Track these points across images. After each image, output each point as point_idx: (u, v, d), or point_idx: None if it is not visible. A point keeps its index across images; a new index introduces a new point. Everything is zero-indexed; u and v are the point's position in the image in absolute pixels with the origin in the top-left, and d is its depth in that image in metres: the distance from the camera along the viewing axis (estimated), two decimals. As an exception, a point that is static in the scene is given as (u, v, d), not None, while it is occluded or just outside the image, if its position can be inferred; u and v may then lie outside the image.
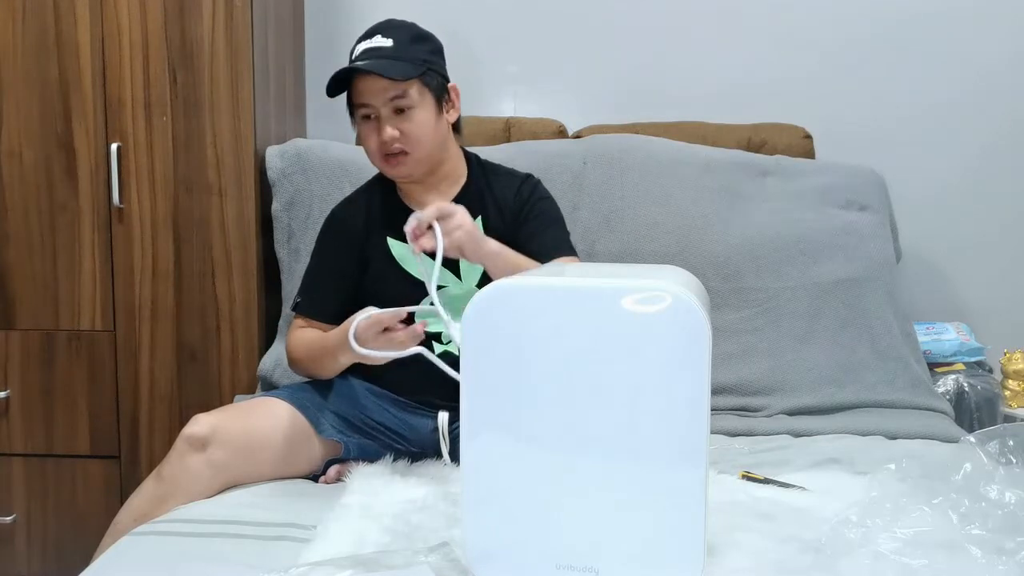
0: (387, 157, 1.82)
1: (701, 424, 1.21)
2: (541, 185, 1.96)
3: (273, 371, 2.23)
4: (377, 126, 1.80)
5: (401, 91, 1.78)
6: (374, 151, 1.83)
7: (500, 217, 1.89)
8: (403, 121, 1.79)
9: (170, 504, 1.64)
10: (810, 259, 2.26)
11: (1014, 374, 2.38)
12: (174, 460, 1.68)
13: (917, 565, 1.20)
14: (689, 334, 1.19)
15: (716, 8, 2.61)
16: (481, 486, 1.29)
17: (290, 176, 2.30)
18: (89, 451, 2.33)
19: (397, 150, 1.80)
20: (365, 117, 1.82)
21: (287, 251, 2.31)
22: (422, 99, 1.80)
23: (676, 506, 1.21)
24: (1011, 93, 2.59)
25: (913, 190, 2.56)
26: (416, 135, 1.80)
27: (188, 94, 2.24)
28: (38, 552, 2.36)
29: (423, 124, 1.81)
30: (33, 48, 2.23)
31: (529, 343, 1.24)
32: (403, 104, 1.79)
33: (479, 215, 1.86)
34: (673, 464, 1.21)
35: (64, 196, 2.27)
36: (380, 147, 1.81)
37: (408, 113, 1.79)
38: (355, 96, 1.81)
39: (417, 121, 1.80)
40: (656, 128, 2.45)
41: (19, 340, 2.31)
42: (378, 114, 1.79)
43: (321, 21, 2.67)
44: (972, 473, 1.34)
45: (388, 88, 1.77)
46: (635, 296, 1.20)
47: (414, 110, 1.79)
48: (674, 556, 1.23)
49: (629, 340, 1.21)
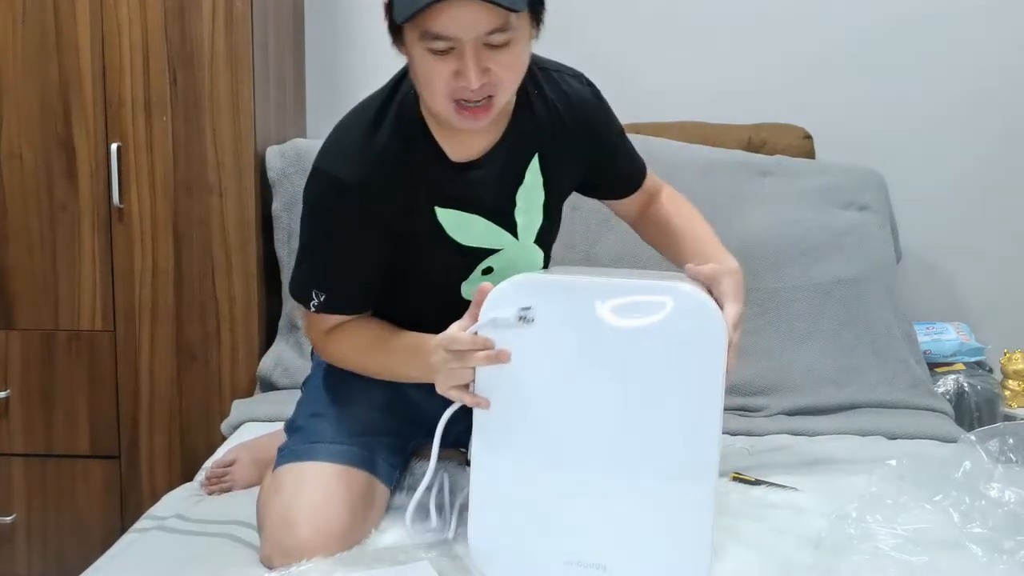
0: (463, 107, 1.34)
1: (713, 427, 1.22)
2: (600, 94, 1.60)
3: (273, 371, 2.23)
4: (455, 62, 1.29)
5: (504, 22, 1.28)
6: (444, 95, 1.33)
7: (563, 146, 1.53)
8: (495, 58, 1.31)
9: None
10: (810, 259, 2.26)
11: (1014, 374, 2.37)
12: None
13: (917, 563, 1.20)
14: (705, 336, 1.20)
15: (716, 8, 2.61)
16: (490, 483, 1.29)
17: (290, 176, 2.30)
18: (89, 451, 2.33)
19: (485, 97, 1.34)
20: (437, 51, 1.30)
21: (287, 251, 2.31)
22: (521, 25, 1.32)
23: (685, 503, 1.22)
24: (1011, 93, 2.59)
25: (913, 190, 2.55)
26: (510, 77, 1.35)
27: (188, 94, 2.24)
28: (38, 552, 2.36)
29: (519, 59, 1.35)
30: (33, 48, 2.23)
31: (544, 341, 1.23)
32: (503, 39, 1.29)
33: (535, 152, 1.51)
34: (684, 464, 1.21)
35: (64, 196, 2.27)
36: (457, 92, 1.32)
37: (504, 48, 1.30)
38: (432, 23, 1.27)
39: (515, 55, 1.33)
40: (656, 128, 2.45)
41: (19, 340, 2.31)
42: (460, 48, 1.29)
43: (321, 21, 2.67)
44: (972, 471, 1.35)
45: (488, 18, 1.27)
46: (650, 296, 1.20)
47: (512, 42, 1.31)
48: (682, 551, 1.23)
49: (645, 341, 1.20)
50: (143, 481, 2.32)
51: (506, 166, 1.49)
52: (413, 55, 1.33)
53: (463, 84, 1.30)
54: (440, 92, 1.32)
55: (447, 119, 1.37)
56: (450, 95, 1.32)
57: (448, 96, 1.32)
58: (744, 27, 2.61)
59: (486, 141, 1.46)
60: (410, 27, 1.30)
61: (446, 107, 1.34)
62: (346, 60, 2.67)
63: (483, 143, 1.46)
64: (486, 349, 1.25)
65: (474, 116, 1.35)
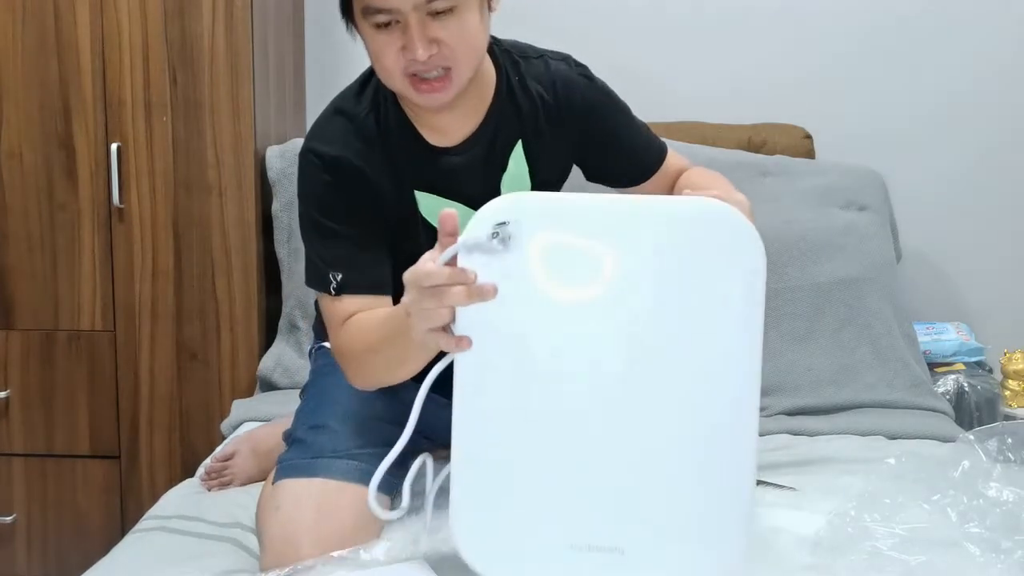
0: (419, 80, 1.31)
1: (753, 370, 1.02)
2: (591, 74, 1.54)
3: (273, 371, 2.23)
4: (401, 36, 1.28)
5: None
6: (397, 72, 1.31)
7: (549, 132, 1.48)
8: (442, 27, 1.28)
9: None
10: (810, 259, 2.26)
11: (1014, 374, 2.37)
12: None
13: (915, 562, 1.20)
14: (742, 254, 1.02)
15: (716, 8, 2.61)
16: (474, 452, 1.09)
17: (290, 176, 2.30)
18: (89, 451, 2.33)
19: (437, 69, 1.31)
20: (381, 25, 1.29)
21: (287, 251, 2.31)
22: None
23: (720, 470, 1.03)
24: (1011, 93, 2.59)
25: (913, 190, 2.55)
26: (463, 47, 1.30)
27: (188, 94, 2.24)
28: (38, 552, 2.36)
29: (470, 28, 1.31)
30: (33, 48, 2.23)
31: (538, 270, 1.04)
32: (445, 5, 1.27)
33: (518, 138, 1.47)
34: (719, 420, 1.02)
35: (64, 196, 2.27)
36: (408, 67, 1.30)
37: (450, 15, 1.28)
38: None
39: (464, 23, 1.29)
40: (656, 128, 2.40)
41: (19, 340, 2.31)
42: (404, 20, 1.27)
43: (321, 21, 2.66)
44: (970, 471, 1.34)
45: None
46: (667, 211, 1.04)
47: (457, 9, 1.28)
48: (716, 528, 1.04)
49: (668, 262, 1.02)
50: (143, 481, 2.32)
51: (488, 153, 1.46)
52: (364, 37, 1.34)
53: (411, 57, 1.28)
54: (393, 69, 1.31)
55: (408, 96, 1.36)
56: (403, 70, 1.31)
57: (401, 72, 1.31)
58: (744, 27, 2.61)
59: (466, 127, 1.44)
60: (356, 5, 1.31)
61: (403, 83, 1.33)
62: (346, 60, 2.66)
63: (463, 129, 1.44)
64: (465, 283, 1.07)
65: (431, 89, 1.32)
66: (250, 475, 1.76)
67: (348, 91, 1.47)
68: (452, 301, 1.07)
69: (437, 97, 1.33)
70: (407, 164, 1.43)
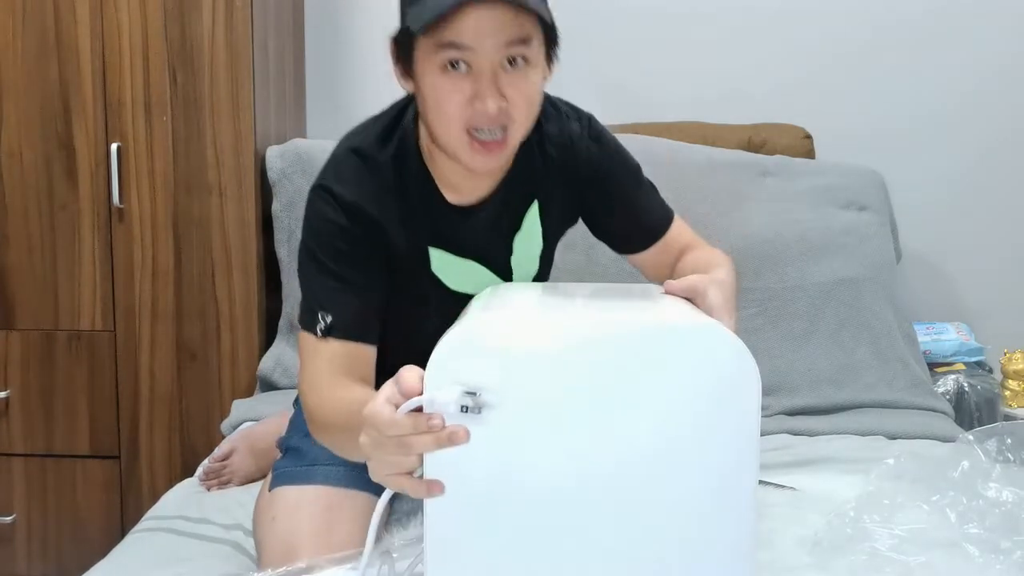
0: (478, 139, 1.24)
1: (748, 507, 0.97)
2: (605, 132, 1.49)
3: (273, 371, 2.23)
4: (472, 83, 1.21)
5: (526, 33, 1.21)
6: (459, 122, 1.23)
7: (560, 192, 1.44)
8: (510, 82, 1.22)
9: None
10: (810, 259, 2.26)
11: (1014, 374, 2.37)
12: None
13: (914, 563, 1.20)
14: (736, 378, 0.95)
15: (716, 8, 2.61)
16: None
17: (290, 176, 2.30)
18: (89, 451, 2.33)
19: (497, 131, 1.24)
20: (452, 64, 1.21)
21: (287, 251, 2.31)
22: (539, 51, 1.25)
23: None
24: (1011, 93, 2.59)
25: (913, 190, 2.55)
26: (525, 106, 1.25)
27: (188, 94, 2.24)
28: (38, 552, 2.36)
29: (535, 87, 1.26)
30: (33, 48, 2.23)
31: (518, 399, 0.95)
32: (523, 53, 1.21)
33: (533, 199, 1.43)
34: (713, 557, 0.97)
35: (64, 196, 2.27)
36: (472, 120, 1.23)
37: (521, 69, 1.22)
38: (450, 31, 1.19)
39: (530, 81, 1.24)
40: (656, 128, 2.44)
41: (19, 340, 2.31)
42: (477, 64, 1.20)
43: (321, 21, 2.67)
44: (970, 471, 1.34)
45: (511, 25, 1.19)
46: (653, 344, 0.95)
47: (530, 63, 1.23)
48: None
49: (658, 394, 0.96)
50: (143, 481, 2.32)
51: (503, 213, 1.42)
52: (424, 77, 1.24)
53: (480, 109, 1.21)
54: (454, 118, 1.23)
55: (457, 154, 1.27)
56: (465, 123, 1.23)
57: (462, 124, 1.23)
58: (744, 27, 2.61)
59: (484, 186, 1.39)
60: (425, 40, 1.21)
61: (459, 138, 1.25)
62: (346, 60, 2.67)
63: (481, 188, 1.39)
64: (432, 431, 0.95)
65: (487, 152, 1.25)
66: (248, 473, 1.77)
67: (370, 133, 1.39)
68: (419, 450, 0.97)
69: (489, 161, 1.27)
70: (423, 220, 1.38)
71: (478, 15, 1.17)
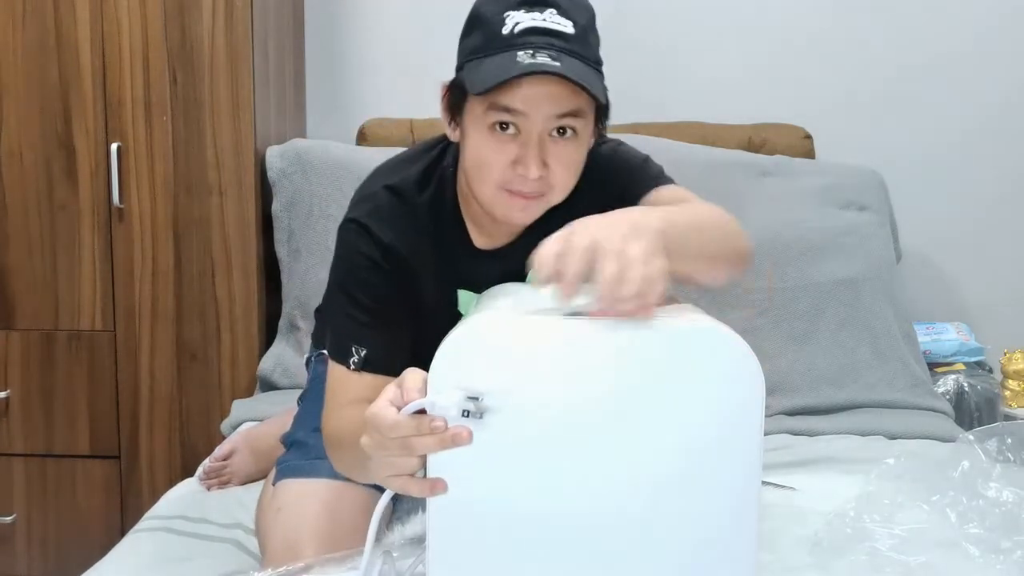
0: (516, 193, 1.26)
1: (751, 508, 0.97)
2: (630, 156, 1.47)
3: (273, 371, 2.23)
4: (518, 147, 1.23)
5: (579, 106, 1.23)
6: (496, 181, 1.25)
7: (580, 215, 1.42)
8: (554, 151, 1.24)
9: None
10: (810, 259, 2.26)
11: (1014, 374, 2.37)
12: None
13: (914, 563, 1.20)
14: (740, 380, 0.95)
15: (716, 8, 2.61)
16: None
17: (290, 176, 2.30)
18: (89, 451, 2.33)
19: (537, 190, 1.26)
20: (501, 125, 1.23)
21: (287, 251, 2.31)
22: (588, 124, 1.28)
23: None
24: (1011, 93, 2.59)
25: (913, 190, 2.55)
26: (566, 176, 1.27)
27: (188, 94, 2.24)
28: (38, 552, 2.36)
29: (578, 158, 1.28)
30: (33, 48, 2.23)
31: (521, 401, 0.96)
32: (572, 124, 1.24)
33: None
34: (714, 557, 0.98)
35: (64, 196, 2.27)
36: (511, 183, 1.25)
37: (567, 139, 1.25)
38: (505, 95, 1.21)
39: (573, 152, 1.26)
40: (656, 128, 2.45)
41: (19, 340, 2.31)
42: (525, 130, 1.23)
43: (321, 21, 2.67)
44: (970, 471, 1.34)
45: (567, 99, 1.22)
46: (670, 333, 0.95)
47: (578, 134, 1.25)
48: None
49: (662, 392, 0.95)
50: (143, 481, 2.32)
51: (529, 254, 1.42)
52: (471, 132, 1.26)
53: (520, 173, 1.23)
54: (493, 177, 1.25)
55: (493, 209, 1.29)
56: (502, 184, 1.25)
57: (500, 184, 1.25)
58: (744, 27, 2.61)
59: (510, 233, 1.39)
60: (479, 98, 1.22)
61: (495, 194, 1.26)
62: (346, 60, 2.67)
63: (507, 235, 1.40)
64: (435, 432, 0.95)
65: (525, 202, 1.26)
66: (249, 473, 1.77)
67: (409, 173, 1.39)
68: (421, 451, 0.97)
69: (526, 212, 1.28)
70: (453, 263, 1.39)
71: (537, 84, 1.19)
